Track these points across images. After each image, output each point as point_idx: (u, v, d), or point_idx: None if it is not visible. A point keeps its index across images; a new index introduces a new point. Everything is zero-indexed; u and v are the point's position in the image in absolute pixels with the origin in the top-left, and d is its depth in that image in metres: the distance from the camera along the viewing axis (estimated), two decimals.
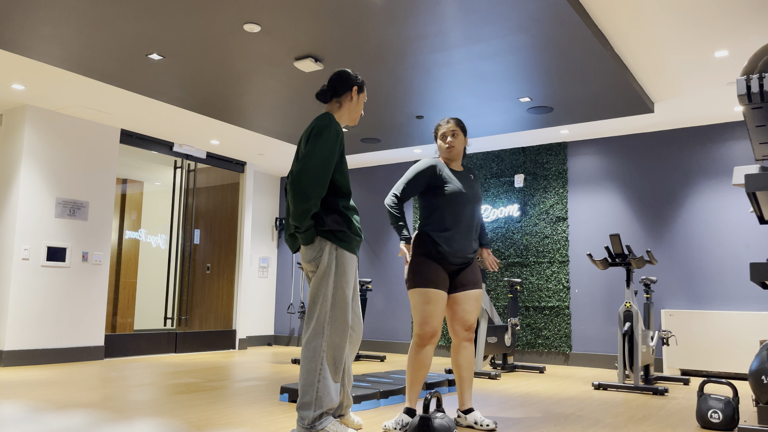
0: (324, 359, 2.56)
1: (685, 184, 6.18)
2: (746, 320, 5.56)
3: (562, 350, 6.55)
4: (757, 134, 2.56)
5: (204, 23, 3.99)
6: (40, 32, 4.17)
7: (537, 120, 6.02)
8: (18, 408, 3.49)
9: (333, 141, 2.56)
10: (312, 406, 2.54)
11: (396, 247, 7.91)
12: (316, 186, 2.49)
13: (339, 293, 2.60)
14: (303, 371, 2.58)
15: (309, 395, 2.55)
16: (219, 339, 7.64)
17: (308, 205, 2.49)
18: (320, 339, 2.56)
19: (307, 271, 2.68)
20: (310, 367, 2.55)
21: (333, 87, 2.78)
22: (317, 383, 2.54)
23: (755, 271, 2.64)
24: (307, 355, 2.57)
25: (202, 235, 7.84)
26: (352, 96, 2.79)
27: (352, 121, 2.85)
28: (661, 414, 3.69)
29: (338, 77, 2.79)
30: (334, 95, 2.78)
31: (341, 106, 2.78)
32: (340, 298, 2.60)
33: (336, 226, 2.58)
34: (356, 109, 2.82)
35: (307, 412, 2.54)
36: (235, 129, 6.55)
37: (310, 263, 2.60)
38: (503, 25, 3.92)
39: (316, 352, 2.55)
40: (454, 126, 3.18)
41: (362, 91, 2.84)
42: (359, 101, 2.82)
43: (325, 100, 2.78)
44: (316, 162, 2.50)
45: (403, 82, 5.01)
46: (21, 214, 5.71)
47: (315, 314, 2.58)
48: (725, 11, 3.86)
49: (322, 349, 2.56)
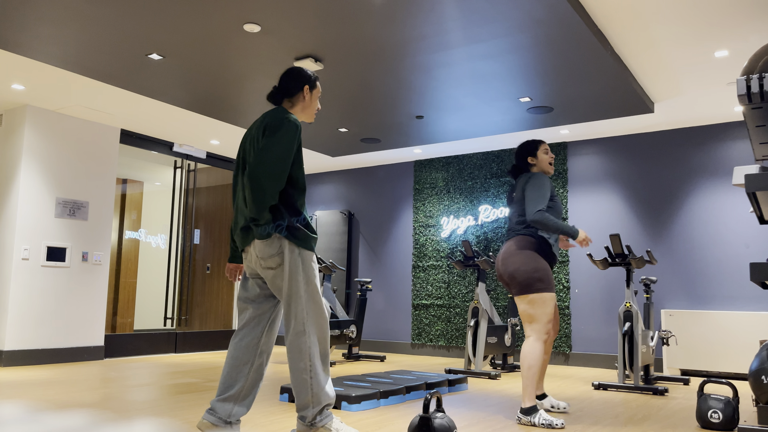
0: (312, 356, 2.53)
1: (685, 184, 6.18)
2: (746, 320, 5.56)
3: (562, 350, 6.55)
4: (757, 134, 2.56)
5: (204, 23, 3.99)
6: (40, 32, 4.17)
7: (537, 120, 6.02)
8: (18, 408, 3.49)
9: (292, 134, 2.52)
10: (310, 404, 2.53)
11: (395, 247, 7.90)
12: (274, 179, 2.46)
13: (311, 287, 2.57)
14: (294, 373, 2.55)
15: (305, 395, 2.53)
16: (219, 339, 7.64)
17: (266, 198, 2.46)
18: (303, 337, 2.53)
19: (258, 268, 2.60)
20: (299, 367, 2.53)
21: (283, 87, 2.70)
22: (310, 381, 2.52)
23: (755, 271, 2.64)
24: (294, 356, 2.54)
25: (202, 235, 7.84)
26: (305, 95, 2.71)
27: (308, 118, 2.79)
28: (661, 414, 3.69)
29: (288, 77, 2.71)
30: (286, 95, 2.70)
31: (293, 105, 2.71)
32: (313, 292, 2.58)
33: (294, 225, 2.55)
34: (311, 107, 2.75)
35: (306, 411, 2.53)
36: (235, 129, 6.55)
37: (266, 260, 2.55)
38: (503, 25, 3.92)
39: (301, 351, 2.53)
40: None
41: (314, 87, 2.74)
42: (313, 98, 2.75)
43: (276, 101, 2.72)
44: (274, 155, 2.48)
45: (403, 82, 5.01)
46: (21, 214, 5.71)
47: (292, 314, 2.54)
48: (725, 11, 3.86)
49: (308, 346, 2.53)
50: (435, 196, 7.72)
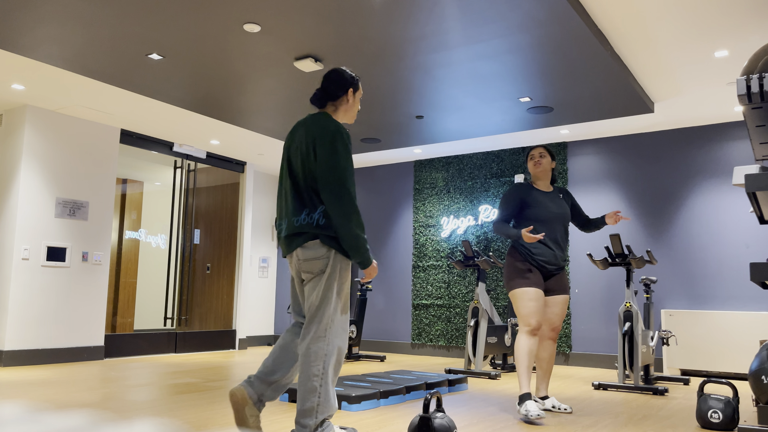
0: (326, 364, 2.48)
1: (685, 184, 6.18)
2: (746, 320, 5.56)
3: (562, 350, 6.55)
4: (757, 134, 2.56)
5: (204, 23, 3.99)
6: (40, 32, 4.16)
7: (537, 120, 6.02)
8: (18, 408, 3.49)
9: (346, 142, 2.53)
10: (314, 412, 2.44)
11: (395, 247, 7.90)
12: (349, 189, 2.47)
13: (343, 299, 2.57)
14: (304, 376, 2.48)
15: (311, 401, 2.45)
16: (219, 339, 7.64)
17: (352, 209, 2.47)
18: (322, 343, 2.48)
19: (301, 271, 2.59)
20: (312, 372, 2.46)
21: (328, 91, 2.67)
22: (319, 388, 2.45)
23: (755, 271, 2.64)
24: (309, 360, 2.48)
25: (202, 235, 7.84)
26: (348, 98, 2.68)
27: (350, 120, 2.78)
28: (661, 414, 3.69)
29: (332, 80, 2.68)
30: (330, 99, 2.67)
31: (336, 108, 2.68)
32: (344, 304, 2.57)
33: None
34: (353, 109, 2.73)
35: (308, 420, 2.44)
36: (235, 129, 6.55)
37: (309, 262, 2.53)
38: (503, 25, 3.92)
39: (318, 357, 2.47)
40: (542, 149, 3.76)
41: (357, 89, 2.72)
42: (356, 100, 2.72)
43: (321, 105, 2.69)
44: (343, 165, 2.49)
45: (403, 82, 5.01)
46: (21, 214, 5.71)
47: (318, 319, 2.50)
48: (725, 11, 3.86)
49: (325, 353, 2.47)
50: (435, 196, 7.72)
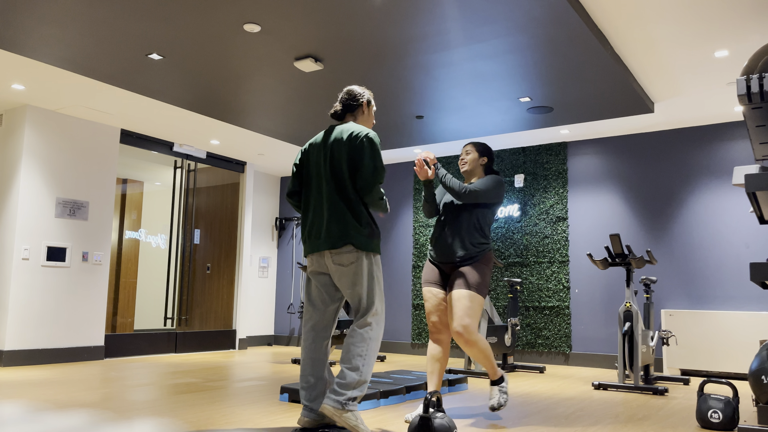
0: (370, 348, 2.75)
1: (685, 184, 6.18)
2: (746, 320, 5.56)
3: (562, 350, 6.56)
4: (757, 134, 2.56)
5: (204, 23, 3.99)
6: (40, 32, 4.17)
7: (537, 120, 6.02)
8: (18, 408, 3.49)
9: (377, 143, 2.91)
10: (352, 386, 2.68)
11: (395, 247, 7.91)
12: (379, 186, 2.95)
13: (382, 294, 2.89)
14: (350, 355, 2.71)
15: (352, 377, 2.68)
16: (219, 339, 7.65)
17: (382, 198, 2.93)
18: (369, 330, 2.77)
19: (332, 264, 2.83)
20: (357, 352, 2.72)
21: (346, 105, 3.06)
22: (362, 367, 2.71)
23: (755, 271, 2.64)
24: (355, 341, 2.73)
25: (202, 235, 7.84)
26: (364, 110, 3.09)
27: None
28: (661, 414, 3.69)
29: (349, 96, 3.07)
30: (348, 111, 3.07)
31: (355, 119, 3.07)
32: (383, 299, 2.89)
33: (370, 233, 2.86)
34: (368, 120, 3.12)
35: (345, 391, 2.67)
36: (235, 129, 6.55)
37: (342, 255, 2.79)
38: (503, 25, 3.92)
39: (364, 340, 2.75)
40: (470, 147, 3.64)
41: (371, 104, 3.13)
42: (370, 113, 3.13)
43: (340, 118, 3.07)
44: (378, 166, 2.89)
45: (403, 82, 5.01)
46: (21, 214, 5.71)
47: (367, 307, 2.79)
48: (725, 11, 3.86)
49: (371, 338, 2.76)
50: None
